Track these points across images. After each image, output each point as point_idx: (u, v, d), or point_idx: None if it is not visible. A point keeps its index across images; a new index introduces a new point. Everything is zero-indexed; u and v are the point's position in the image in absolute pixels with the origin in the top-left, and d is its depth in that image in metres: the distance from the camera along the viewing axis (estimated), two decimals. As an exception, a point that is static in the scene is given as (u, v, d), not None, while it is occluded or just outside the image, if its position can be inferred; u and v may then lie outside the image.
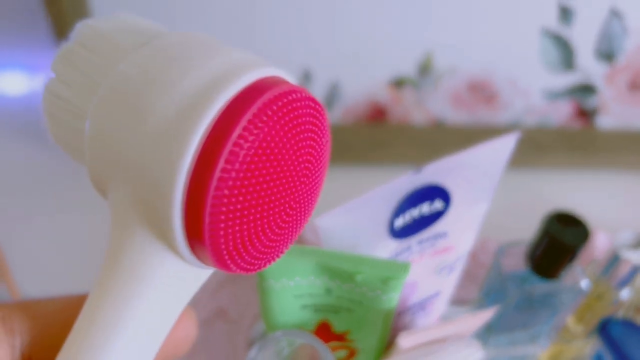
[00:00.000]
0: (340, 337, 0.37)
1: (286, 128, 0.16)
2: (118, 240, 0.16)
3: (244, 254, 0.16)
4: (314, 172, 0.18)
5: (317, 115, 0.17)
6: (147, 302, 0.17)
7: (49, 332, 0.18)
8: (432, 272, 0.38)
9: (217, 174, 0.15)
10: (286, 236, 0.18)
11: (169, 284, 0.17)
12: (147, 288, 0.16)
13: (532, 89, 0.61)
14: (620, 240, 0.42)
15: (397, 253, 0.35)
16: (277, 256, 0.18)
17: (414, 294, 0.38)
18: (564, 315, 0.45)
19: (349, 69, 0.60)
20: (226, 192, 0.15)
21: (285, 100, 0.16)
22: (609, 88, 0.61)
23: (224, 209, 0.15)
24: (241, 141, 0.15)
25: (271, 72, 0.17)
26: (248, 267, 0.17)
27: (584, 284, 0.41)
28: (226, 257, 0.16)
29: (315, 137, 0.17)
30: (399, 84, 0.60)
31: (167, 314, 0.18)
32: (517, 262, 0.42)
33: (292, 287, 0.33)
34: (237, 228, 0.16)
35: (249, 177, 0.15)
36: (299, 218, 0.18)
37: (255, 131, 0.15)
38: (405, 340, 0.33)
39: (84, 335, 0.16)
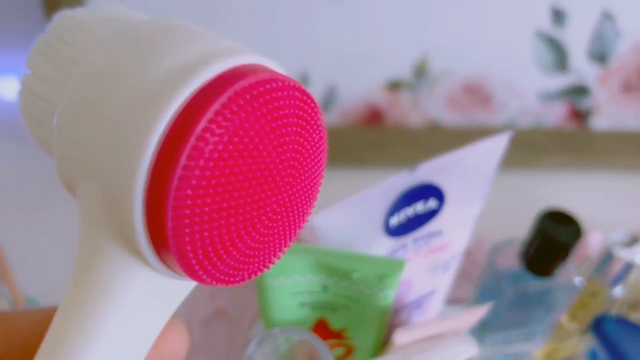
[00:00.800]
0: (337, 335, 0.37)
1: (263, 120, 0.14)
2: (87, 249, 0.15)
3: (219, 264, 0.14)
4: (302, 171, 0.16)
5: (305, 107, 0.15)
6: (121, 317, 0.15)
7: (22, 345, 0.17)
8: (427, 270, 0.38)
9: (179, 172, 0.13)
10: (271, 244, 0.16)
11: (144, 297, 0.15)
12: (119, 302, 0.15)
13: (526, 90, 0.61)
14: (613, 238, 0.42)
15: (393, 251, 0.35)
16: (265, 266, 0.16)
17: (410, 292, 0.39)
18: (558, 313, 0.46)
19: (345, 71, 0.61)
20: (189, 192, 0.13)
21: (262, 88, 0.14)
22: (603, 89, 0.61)
23: (187, 211, 0.13)
24: (207, 134, 0.13)
25: (252, 60, 0.15)
26: (225, 278, 0.15)
27: (578, 281, 0.41)
28: (196, 266, 0.14)
29: (302, 131, 0.15)
30: (395, 86, 0.61)
31: (145, 328, 0.16)
32: (511, 261, 0.42)
33: (290, 284, 0.34)
34: (205, 234, 0.14)
35: (217, 176, 0.13)
36: (286, 223, 0.16)
37: (224, 123, 0.13)
38: (401, 337, 0.33)
39: (51, 352, 0.15)
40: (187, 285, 0.17)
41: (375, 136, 0.63)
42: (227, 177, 0.13)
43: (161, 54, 0.14)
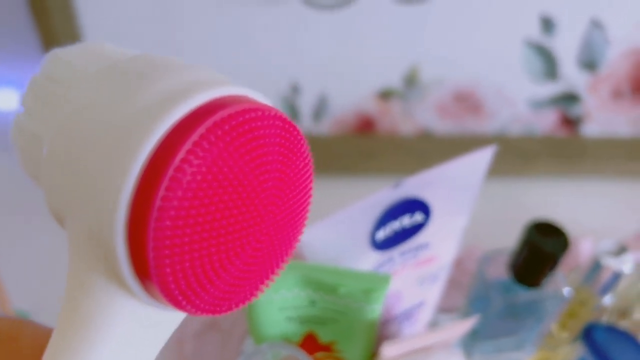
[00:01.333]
0: (326, 348, 0.37)
1: (243, 150, 0.14)
2: (74, 281, 0.15)
3: (202, 294, 0.14)
4: (285, 200, 0.16)
5: (287, 136, 0.15)
6: (111, 349, 0.15)
7: None
8: (415, 283, 0.38)
9: (157, 202, 0.13)
10: (256, 273, 0.16)
11: (134, 328, 0.16)
12: (108, 333, 0.15)
13: (517, 98, 0.62)
14: (601, 247, 0.43)
15: (380, 264, 0.36)
16: (252, 294, 0.16)
17: (398, 304, 0.39)
18: (548, 322, 0.46)
19: (336, 81, 0.61)
20: (168, 223, 0.13)
21: (242, 118, 0.14)
22: (593, 97, 0.62)
23: (167, 242, 0.13)
24: (185, 165, 0.13)
25: (234, 91, 0.15)
26: (210, 308, 0.15)
27: (566, 291, 0.41)
28: (179, 297, 0.14)
29: (285, 160, 0.15)
30: (386, 95, 0.61)
31: (137, 358, 0.16)
32: (501, 271, 0.43)
33: (277, 300, 0.34)
34: (187, 264, 0.14)
35: (196, 206, 0.13)
36: (271, 252, 0.16)
37: (202, 154, 0.13)
38: (388, 350, 0.33)
39: None
40: (177, 316, 0.17)
41: (366, 145, 0.63)
42: (206, 207, 0.13)
43: (141, 87, 0.14)
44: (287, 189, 0.16)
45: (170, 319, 0.17)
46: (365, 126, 0.64)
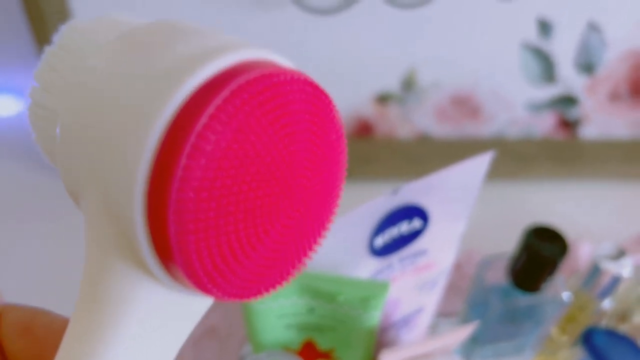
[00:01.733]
0: (325, 355, 0.37)
1: (271, 116, 0.13)
2: (93, 262, 0.14)
3: (230, 276, 0.13)
4: (316, 172, 0.14)
5: (317, 102, 0.14)
6: (132, 334, 0.14)
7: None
8: (414, 289, 0.38)
9: (179, 173, 0.12)
10: (287, 253, 0.15)
11: (156, 314, 0.15)
12: (129, 318, 0.14)
13: (515, 101, 0.62)
14: (600, 251, 0.42)
15: (379, 271, 0.35)
16: (283, 278, 0.15)
17: (397, 311, 0.39)
18: (547, 327, 0.46)
19: (334, 84, 0.61)
20: (191, 194, 0.12)
21: (269, 82, 0.13)
22: (590, 99, 0.62)
23: (190, 216, 0.12)
24: (208, 132, 0.12)
25: (259, 55, 0.14)
26: (239, 291, 0.14)
27: (566, 296, 0.41)
28: (204, 278, 0.13)
29: (315, 128, 0.14)
30: (384, 99, 0.61)
31: (161, 346, 0.15)
32: (499, 275, 0.43)
33: (276, 307, 0.34)
34: (212, 241, 0.13)
35: (221, 177, 0.12)
36: (302, 230, 0.15)
37: (226, 120, 0.12)
38: (387, 358, 0.33)
39: None
40: (203, 302, 0.16)
41: (365, 149, 0.63)
42: (232, 178, 0.12)
43: (159, 52, 0.13)
44: (318, 159, 0.14)
45: (196, 305, 0.16)
46: (363, 130, 0.64)
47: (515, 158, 0.63)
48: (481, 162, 0.33)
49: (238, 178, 0.12)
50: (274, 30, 0.56)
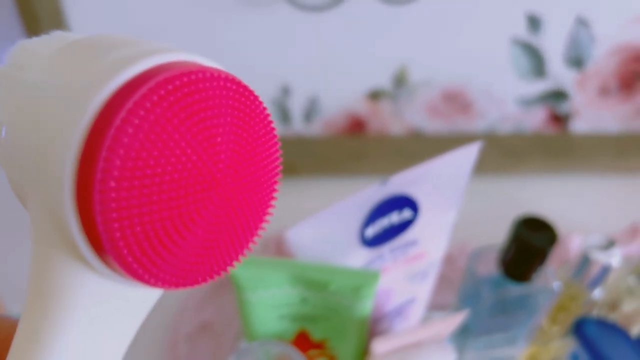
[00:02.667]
0: (319, 345, 0.38)
1: (189, 111, 0.14)
2: (37, 259, 0.15)
3: (161, 263, 0.14)
4: (245, 165, 0.15)
5: (241, 98, 0.15)
6: (80, 327, 0.15)
7: None
8: (405, 279, 0.39)
9: (100, 164, 0.13)
10: (221, 242, 0.16)
11: (102, 306, 0.15)
12: (74, 311, 0.15)
13: (506, 96, 0.62)
14: (590, 242, 0.43)
15: (370, 261, 0.36)
16: (221, 268, 0.16)
17: (389, 301, 0.39)
18: (538, 317, 0.46)
19: (327, 82, 0.61)
20: (112, 184, 0.13)
21: (187, 79, 0.13)
22: (580, 94, 0.62)
23: (113, 205, 0.13)
24: (126, 125, 0.13)
25: (184, 57, 0.15)
26: (174, 279, 0.15)
27: (556, 285, 0.42)
28: (135, 266, 0.14)
29: (240, 123, 0.15)
30: (376, 96, 0.62)
31: (111, 339, 0.16)
32: (490, 267, 0.43)
33: (269, 298, 0.34)
34: (137, 229, 0.13)
35: (140, 167, 0.13)
36: (236, 221, 0.16)
37: (143, 113, 0.13)
38: (379, 346, 0.34)
39: None
40: (149, 293, 0.16)
41: (358, 145, 0.64)
42: (152, 168, 0.13)
43: (90, 59, 0.14)
44: (245, 154, 0.15)
45: (143, 296, 0.16)
46: (355, 127, 0.64)
47: (507, 153, 0.63)
48: (469, 152, 0.33)
49: (158, 168, 0.13)
50: (265, 28, 0.56)
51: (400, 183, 0.32)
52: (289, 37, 0.57)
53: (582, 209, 0.60)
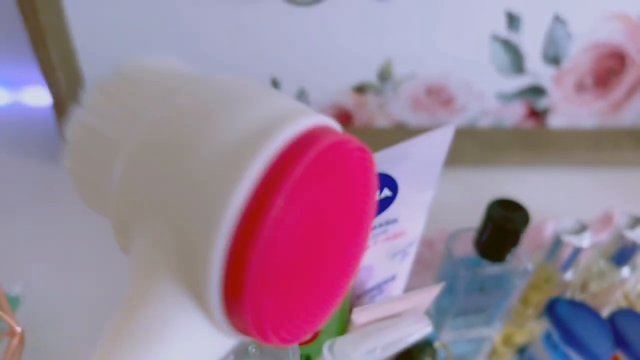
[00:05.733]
0: (303, 319, 0.39)
1: (335, 185, 0.14)
2: (141, 287, 0.15)
3: (288, 324, 0.15)
4: (363, 226, 0.16)
5: (368, 165, 0.16)
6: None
7: None
8: (386, 257, 0.41)
9: (264, 234, 0.13)
10: (328, 301, 0.16)
11: (191, 349, 0.15)
12: (167, 345, 0.15)
13: (486, 92, 0.65)
14: (562, 226, 0.45)
15: (352, 238, 0.38)
16: (322, 322, 0.17)
17: (370, 278, 0.41)
18: (513, 298, 0.49)
19: (314, 76, 0.63)
20: (271, 256, 0.13)
21: (334, 154, 0.14)
22: (558, 90, 0.65)
23: (267, 274, 0.13)
24: (289, 202, 0.13)
25: (319, 121, 0.16)
26: (289, 337, 0.15)
27: (530, 266, 0.44)
28: (267, 327, 0.14)
29: (367, 190, 0.16)
30: (361, 89, 0.64)
31: None
32: (468, 248, 0.45)
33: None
34: (281, 296, 0.14)
35: (294, 242, 0.14)
36: (344, 277, 0.16)
37: (303, 192, 0.14)
38: (359, 316, 0.36)
39: None
40: (227, 343, 0.17)
41: (344, 137, 0.66)
42: (302, 244, 0.14)
43: (234, 114, 0.15)
44: (365, 216, 0.16)
45: (223, 344, 0.17)
46: (342, 119, 0.66)
47: (487, 146, 0.66)
48: (445, 133, 0.36)
49: (304, 245, 0.14)
50: (252, 22, 0.58)
51: (380, 161, 0.34)
52: (277, 31, 0.59)
53: (558, 200, 0.62)
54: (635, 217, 0.45)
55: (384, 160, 0.35)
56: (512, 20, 0.59)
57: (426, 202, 0.39)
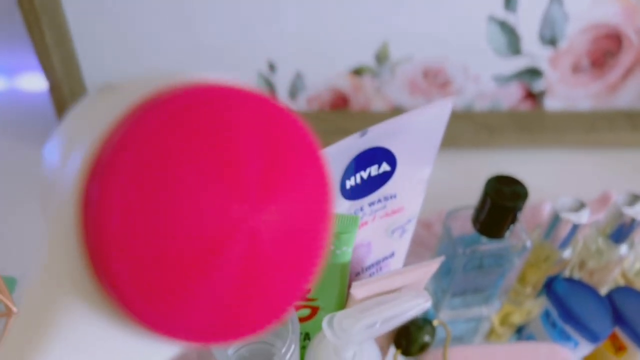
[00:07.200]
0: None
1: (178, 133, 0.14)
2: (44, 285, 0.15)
3: (161, 303, 0.14)
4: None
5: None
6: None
7: None
8: (384, 233, 0.41)
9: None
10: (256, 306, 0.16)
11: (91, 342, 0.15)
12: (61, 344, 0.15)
13: (482, 74, 0.64)
14: (560, 204, 0.45)
15: (350, 214, 0.38)
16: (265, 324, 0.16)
17: (369, 255, 0.41)
18: (512, 276, 0.49)
19: (311, 59, 0.63)
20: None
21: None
22: (554, 71, 0.65)
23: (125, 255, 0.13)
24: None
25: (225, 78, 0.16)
26: (169, 325, 0.14)
27: (528, 243, 0.44)
28: (131, 295, 0.14)
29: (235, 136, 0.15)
30: (358, 72, 0.64)
31: None
32: (467, 227, 0.45)
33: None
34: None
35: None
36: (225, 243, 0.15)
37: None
38: (358, 291, 0.35)
39: None
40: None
41: (341, 121, 0.66)
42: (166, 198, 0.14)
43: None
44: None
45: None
46: (339, 103, 0.66)
47: (484, 128, 0.66)
48: (444, 106, 0.35)
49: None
50: (249, 7, 0.58)
51: (379, 134, 0.34)
52: (274, 14, 0.59)
53: (555, 181, 0.63)
54: (634, 194, 0.45)
55: (382, 133, 0.34)
56: (509, 1, 0.59)
57: (424, 178, 0.39)
